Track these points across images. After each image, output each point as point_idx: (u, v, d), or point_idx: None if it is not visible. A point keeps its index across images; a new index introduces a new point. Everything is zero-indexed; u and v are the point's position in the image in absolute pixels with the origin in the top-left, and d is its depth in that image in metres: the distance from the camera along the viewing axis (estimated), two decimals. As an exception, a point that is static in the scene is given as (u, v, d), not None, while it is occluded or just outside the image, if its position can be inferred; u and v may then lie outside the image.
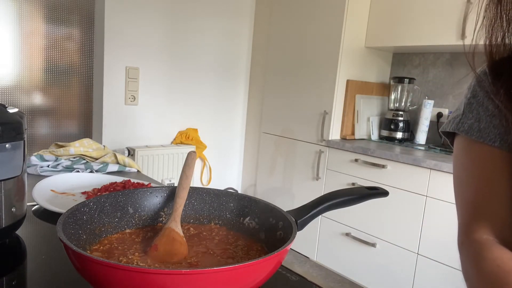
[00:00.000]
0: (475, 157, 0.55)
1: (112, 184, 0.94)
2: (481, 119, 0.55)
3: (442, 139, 2.32)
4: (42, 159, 1.11)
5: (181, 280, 0.40)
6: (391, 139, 2.49)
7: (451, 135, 0.62)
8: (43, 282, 0.55)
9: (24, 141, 0.63)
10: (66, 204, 0.81)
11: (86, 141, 1.20)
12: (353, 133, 2.54)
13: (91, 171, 1.12)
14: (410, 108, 2.55)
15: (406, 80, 2.50)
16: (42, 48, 2.25)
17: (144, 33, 2.46)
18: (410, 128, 2.53)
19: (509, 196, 0.50)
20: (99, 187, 0.92)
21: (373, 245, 2.19)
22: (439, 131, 0.63)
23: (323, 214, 2.31)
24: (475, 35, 0.53)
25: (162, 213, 0.67)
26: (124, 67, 2.42)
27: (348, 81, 2.47)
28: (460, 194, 0.56)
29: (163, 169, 2.59)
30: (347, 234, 2.33)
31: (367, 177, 2.22)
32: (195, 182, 2.96)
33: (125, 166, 1.20)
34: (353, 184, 2.29)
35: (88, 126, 2.53)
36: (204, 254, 0.57)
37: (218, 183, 3.09)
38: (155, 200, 0.66)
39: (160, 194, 0.67)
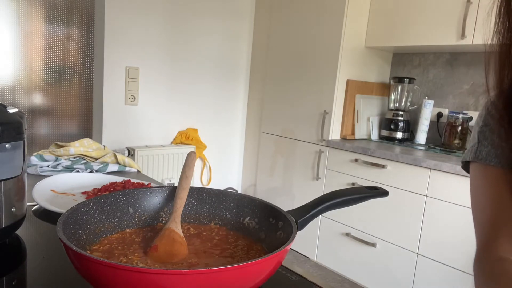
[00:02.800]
0: (492, 181, 0.57)
1: (112, 184, 0.94)
2: (497, 145, 0.57)
3: (442, 139, 2.32)
4: (42, 159, 1.11)
5: (181, 280, 0.40)
6: (391, 139, 2.49)
7: (465, 164, 0.64)
8: (43, 282, 0.55)
9: (24, 141, 0.63)
10: (66, 204, 0.81)
11: (86, 141, 1.20)
12: (353, 133, 2.54)
13: (91, 171, 1.12)
14: (410, 108, 2.55)
15: (406, 80, 2.50)
16: (42, 48, 2.25)
17: (144, 33, 2.46)
18: (410, 128, 2.53)
19: None
20: (99, 187, 0.92)
21: (373, 245, 2.19)
22: (461, 161, 0.65)
23: (323, 214, 2.31)
24: (487, 49, 0.55)
25: (162, 213, 0.67)
26: (124, 67, 2.42)
27: (348, 81, 2.47)
28: (478, 216, 0.58)
29: (163, 169, 2.59)
30: (347, 234, 2.33)
31: (367, 177, 2.22)
32: (195, 182, 2.96)
33: (125, 166, 1.20)
34: (353, 184, 2.29)
35: (88, 126, 2.53)
36: (204, 254, 0.57)
37: (218, 183, 3.09)
38: (155, 200, 0.66)
39: (160, 194, 0.67)
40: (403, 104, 2.54)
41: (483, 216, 0.56)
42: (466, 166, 0.65)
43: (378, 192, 0.65)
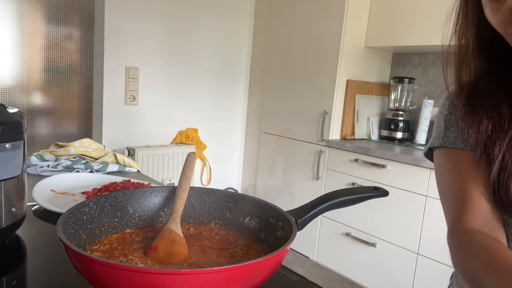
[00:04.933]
0: (459, 162, 0.62)
1: (112, 184, 0.94)
2: (463, 131, 0.62)
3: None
4: (42, 159, 1.11)
5: (181, 280, 0.40)
6: (391, 139, 2.49)
7: (429, 151, 0.70)
8: (43, 282, 0.55)
9: (24, 141, 0.63)
10: (66, 204, 0.81)
11: (86, 141, 1.20)
12: (353, 133, 2.54)
13: (91, 171, 1.12)
14: (410, 108, 2.55)
15: (406, 80, 2.50)
16: (42, 48, 2.25)
17: (144, 33, 2.46)
18: (410, 128, 2.53)
19: (487, 192, 0.58)
20: (99, 187, 0.92)
21: (373, 245, 2.19)
22: (427, 147, 0.70)
23: (323, 214, 2.30)
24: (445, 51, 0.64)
25: (162, 213, 0.67)
26: (124, 67, 2.42)
27: (348, 81, 2.47)
28: (448, 195, 0.62)
29: (163, 169, 2.59)
30: (347, 234, 2.33)
31: (367, 177, 2.22)
32: (195, 182, 2.96)
33: (125, 166, 1.20)
34: (353, 184, 2.29)
35: (88, 126, 2.53)
36: (204, 254, 0.57)
37: (218, 183, 3.09)
38: (155, 200, 0.66)
39: (160, 194, 0.67)
40: (403, 104, 2.54)
41: (451, 194, 0.61)
42: (429, 154, 0.70)
43: (378, 192, 0.65)
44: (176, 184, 0.65)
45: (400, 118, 2.47)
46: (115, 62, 2.38)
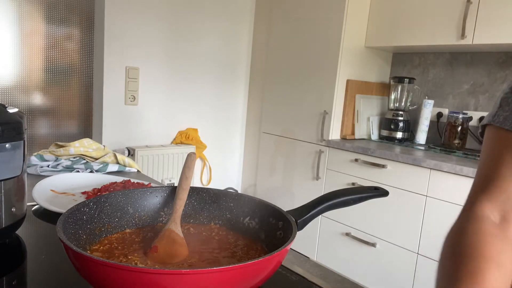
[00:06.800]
0: (500, 141, 0.58)
1: (112, 184, 0.93)
2: None
3: (442, 139, 2.32)
4: (42, 159, 1.11)
5: (181, 280, 0.40)
6: (391, 139, 2.49)
7: (482, 130, 0.66)
8: (43, 282, 0.55)
9: (24, 141, 0.63)
10: (66, 204, 0.81)
11: (86, 141, 1.20)
12: (353, 133, 2.54)
13: (91, 171, 1.12)
14: (410, 108, 2.55)
15: (406, 80, 2.50)
16: (42, 48, 2.25)
17: (144, 33, 2.46)
18: (410, 128, 2.53)
19: None
20: (99, 187, 0.92)
21: (373, 245, 2.19)
22: (480, 124, 0.65)
23: (323, 214, 2.30)
24: None
25: (162, 213, 0.67)
26: (124, 67, 2.42)
27: (348, 81, 2.47)
28: (478, 173, 0.59)
29: (163, 169, 2.59)
30: (347, 234, 2.33)
31: (367, 177, 2.22)
32: (195, 182, 2.96)
33: (125, 166, 1.20)
34: (353, 184, 2.29)
35: (88, 126, 2.53)
36: (204, 254, 0.57)
37: (218, 183, 3.09)
38: (155, 200, 0.66)
39: (160, 194, 0.67)
40: (403, 104, 2.54)
41: (481, 172, 0.58)
42: (483, 133, 0.66)
43: (378, 192, 0.65)
44: (176, 184, 0.65)
45: (400, 118, 2.47)
46: (115, 62, 2.38)
